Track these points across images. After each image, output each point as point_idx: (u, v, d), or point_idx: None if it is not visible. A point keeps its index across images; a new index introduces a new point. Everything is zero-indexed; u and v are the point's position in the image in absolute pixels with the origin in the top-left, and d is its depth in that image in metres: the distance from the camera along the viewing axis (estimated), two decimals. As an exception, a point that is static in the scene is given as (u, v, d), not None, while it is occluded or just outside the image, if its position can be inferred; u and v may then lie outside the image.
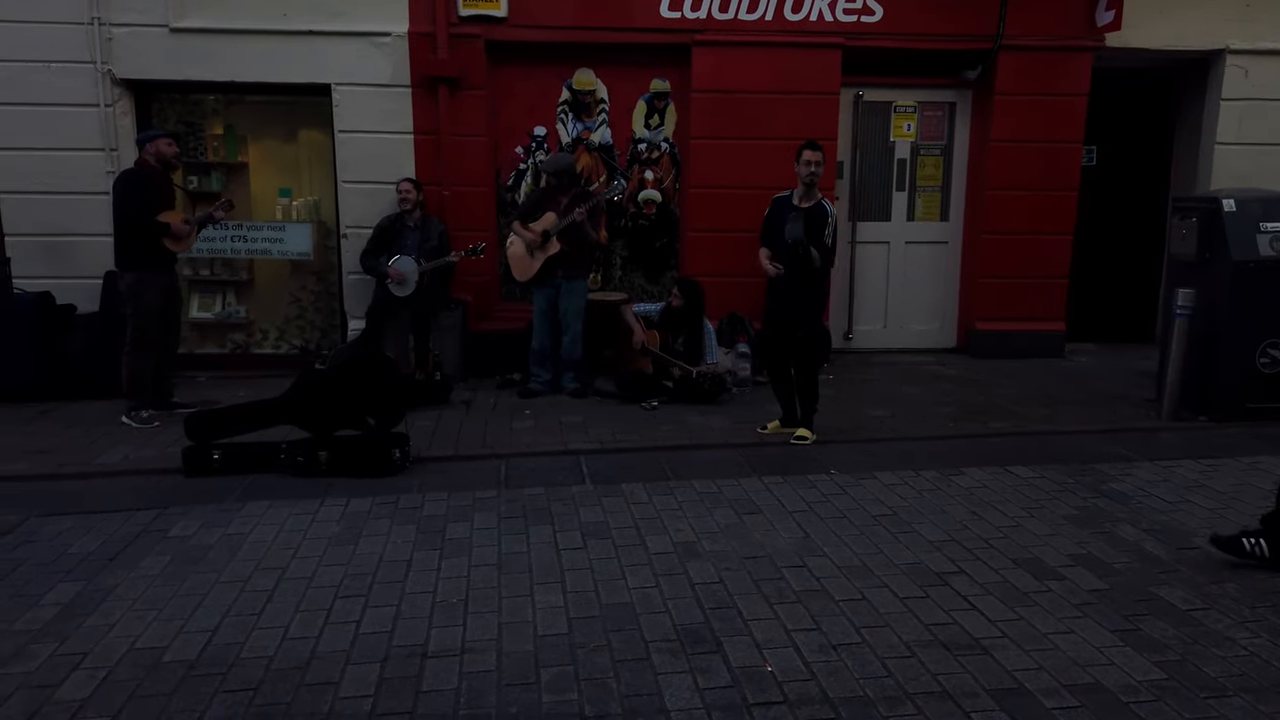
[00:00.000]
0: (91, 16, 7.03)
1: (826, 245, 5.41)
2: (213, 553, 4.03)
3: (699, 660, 3.11)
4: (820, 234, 5.37)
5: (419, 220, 7.05)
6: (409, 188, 7.03)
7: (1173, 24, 7.68)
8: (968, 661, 3.10)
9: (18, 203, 7.18)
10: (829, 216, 5.43)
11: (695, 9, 7.37)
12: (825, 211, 5.43)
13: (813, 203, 5.47)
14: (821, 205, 5.46)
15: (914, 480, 5.00)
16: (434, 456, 5.45)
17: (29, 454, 5.49)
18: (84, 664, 3.08)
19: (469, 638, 3.27)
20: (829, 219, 5.42)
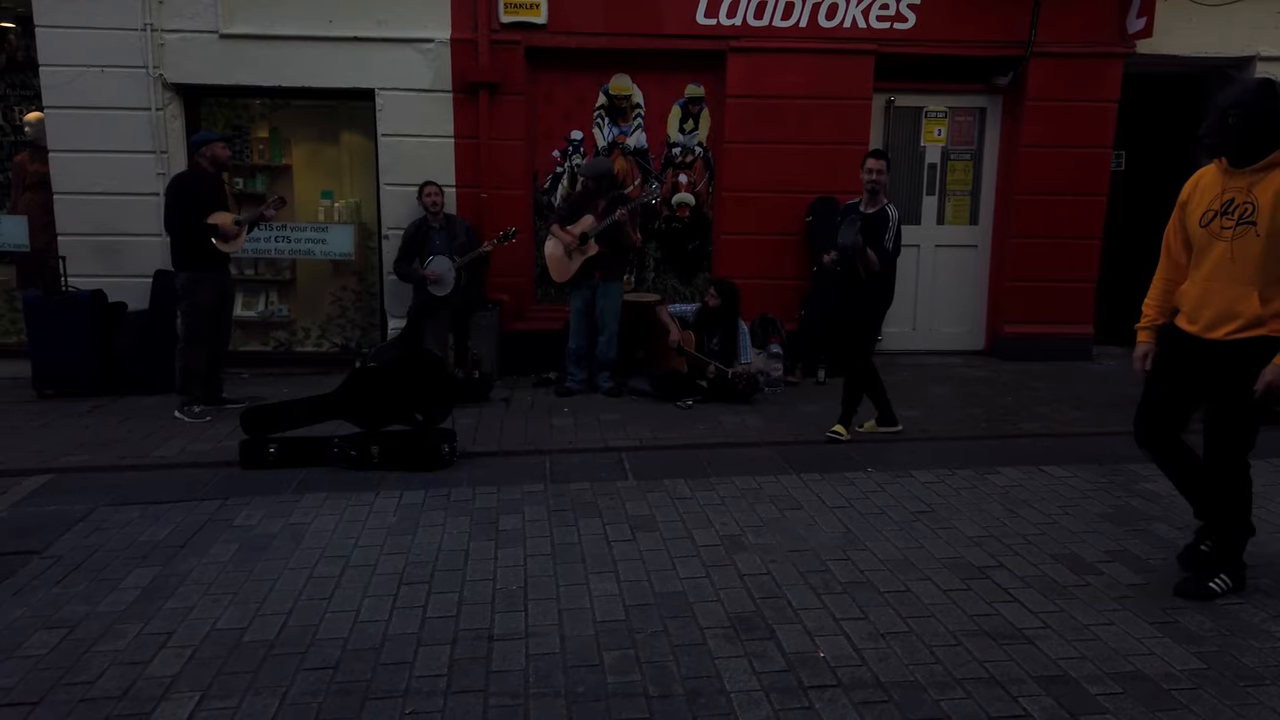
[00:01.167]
0: (144, 23, 7.24)
1: (887, 249, 5.55)
2: (277, 541, 4.20)
3: (753, 646, 3.25)
4: (880, 238, 5.52)
5: (443, 221, 7.22)
6: (435, 191, 7.20)
7: (1203, 31, 7.77)
8: (1012, 650, 3.22)
9: (72, 203, 7.40)
10: (889, 221, 5.56)
11: (730, 16, 7.52)
12: (887, 217, 5.57)
13: (877, 208, 5.62)
14: (885, 211, 5.60)
15: (950, 479, 5.13)
16: (479, 452, 5.61)
17: (89, 446, 5.69)
18: (170, 643, 3.25)
19: (531, 623, 3.41)
20: (889, 224, 5.56)
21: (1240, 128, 3.30)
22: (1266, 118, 3.27)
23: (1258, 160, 3.32)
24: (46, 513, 4.56)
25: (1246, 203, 3.33)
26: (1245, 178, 3.36)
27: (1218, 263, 3.42)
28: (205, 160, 6.28)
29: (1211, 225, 3.44)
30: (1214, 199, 3.45)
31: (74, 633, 3.32)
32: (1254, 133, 3.29)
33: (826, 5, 7.53)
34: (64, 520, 4.44)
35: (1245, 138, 3.31)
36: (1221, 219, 3.41)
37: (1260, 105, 3.28)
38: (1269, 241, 3.29)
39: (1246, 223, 3.33)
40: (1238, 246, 3.36)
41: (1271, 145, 3.29)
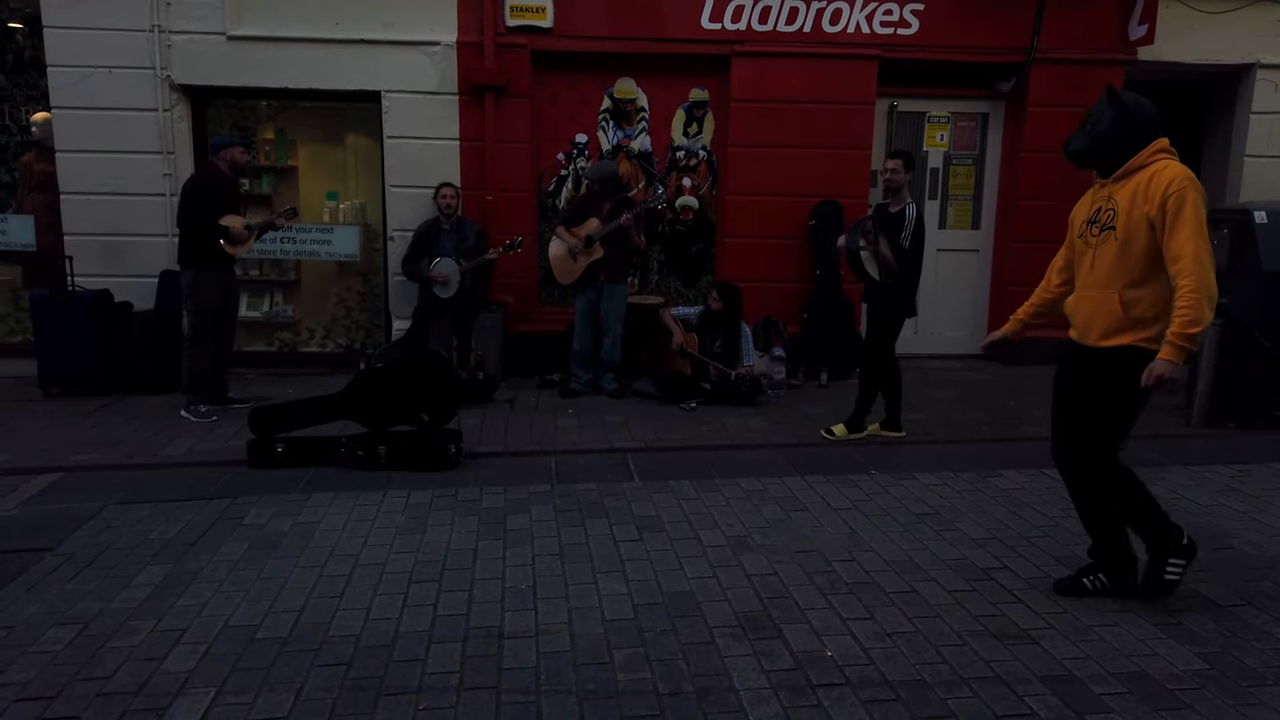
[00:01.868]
0: (152, 24, 7.27)
1: (903, 247, 5.60)
2: (287, 539, 4.23)
3: (761, 644, 3.28)
4: (897, 236, 5.59)
5: (454, 223, 7.25)
6: (451, 193, 7.23)
7: (1204, 38, 7.82)
8: (1018, 650, 3.26)
9: (78, 203, 7.42)
10: (906, 220, 5.62)
11: (735, 20, 7.56)
12: (904, 215, 5.63)
13: (899, 207, 5.69)
14: (904, 209, 5.66)
15: (953, 481, 5.17)
16: (485, 452, 5.65)
17: (96, 445, 5.72)
18: (184, 639, 3.28)
19: (541, 621, 3.45)
20: (906, 222, 5.61)
21: (1094, 133, 3.38)
22: (1115, 122, 3.33)
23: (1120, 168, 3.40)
24: (57, 510, 4.59)
25: (1109, 209, 3.41)
26: (1108, 187, 3.44)
27: (1087, 270, 3.51)
28: (224, 163, 6.34)
29: (1084, 235, 3.54)
30: (1088, 210, 3.55)
31: (88, 629, 3.35)
32: (1113, 139, 3.35)
33: (831, 10, 7.58)
34: (75, 518, 4.46)
35: (1103, 144, 3.37)
36: (1090, 228, 3.50)
37: (1108, 113, 3.35)
38: (1124, 245, 3.34)
39: (1108, 229, 3.40)
40: (1100, 253, 3.43)
41: (1131, 153, 3.35)
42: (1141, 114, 3.35)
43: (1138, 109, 3.35)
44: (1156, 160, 3.32)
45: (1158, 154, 3.33)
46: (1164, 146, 3.34)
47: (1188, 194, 3.20)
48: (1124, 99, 3.36)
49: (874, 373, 5.91)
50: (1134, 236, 3.30)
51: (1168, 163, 3.31)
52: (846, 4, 7.58)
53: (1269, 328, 6.11)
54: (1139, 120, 3.34)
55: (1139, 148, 3.34)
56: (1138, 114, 3.34)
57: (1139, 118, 3.34)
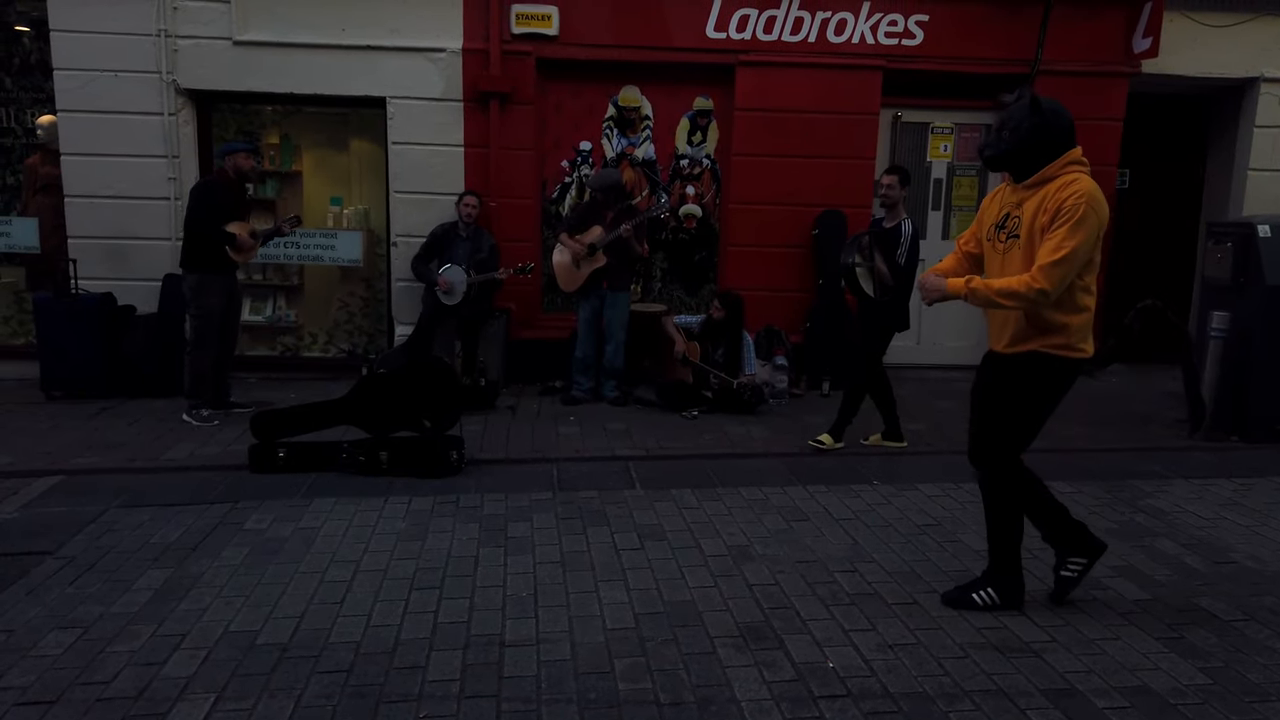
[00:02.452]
0: (158, 29, 7.29)
1: (898, 264, 5.60)
2: (288, 545, 4.22)
3: (763, 655, 3.27)
4: (893, 252, 5.58)
5: (472, 232, 7.25)
6: (474, 203, 7.22)
7: (1208, 52, 7.83)
8: (1020, 663, 3.25)
9: (83, 206, 7.43)
10: (902, 236, 5.62)
11: (740, 30, 7.57)
12: (900, 232, 5.63)
13: (894, 223, 5.70)
14: (899, 225, 5.67)
15: (955, 492, 5.16)
16: (487, 459, 5.64)
17: (98, 448, 5.71)
18: (184, 645, 3.27)
19: (542, 629, 3.44)
20: (902, 239, 5.61)
21: (1011, 140, 3.35)
22: (1034, 131, 3.31)
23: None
24: (58, 514, 4.59)
25: (1016, 217, 3.41)
26: (1018, 194, 3.43)
27: (996, 276, 3.50)
28: (230, 169, 6.34)
29: (992, 239, 3.53)
30: (999, 212, 3.53)
31: (88, 633, 3.35)
32: (1028, 146, 3.33)
33: (835, 20, 7.59)
34: (76, 521, 4.46)
35: (1015, 150, 3.35)
36: (998, 233, 3.49)
37: (1028, 120, 3.33)
38: (1026, 254, 3.34)
39: (1013, 236, 3.40)
40: (1007, 260, 3.43)
41: (1045, 162, 3.34)
42: (1060, 125, 3.34)
43: (1057, 119, 3.34)
44: (1067, 172, 3.31)
45: (1069, 166, 3.32)
46: (1076, 158, 3.35)
47: (1080, 209, 3.19)
48: (1045, 108, 3.34)
49: (861, 384, 5.90)
50: (1035, 246, 3.31)
51: (1077, 176, 3.30)
52: (851, 14, 7.59)
53: (1273, 342, 6.11)
54: (1057, 131, 3.33)
55: (1053, 157, 3.32)
56: (1056, 124, 3.33)
57: (1058, 128, 3.33)
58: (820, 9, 7.57)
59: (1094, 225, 3.20)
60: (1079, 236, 3.17)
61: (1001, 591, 3.68)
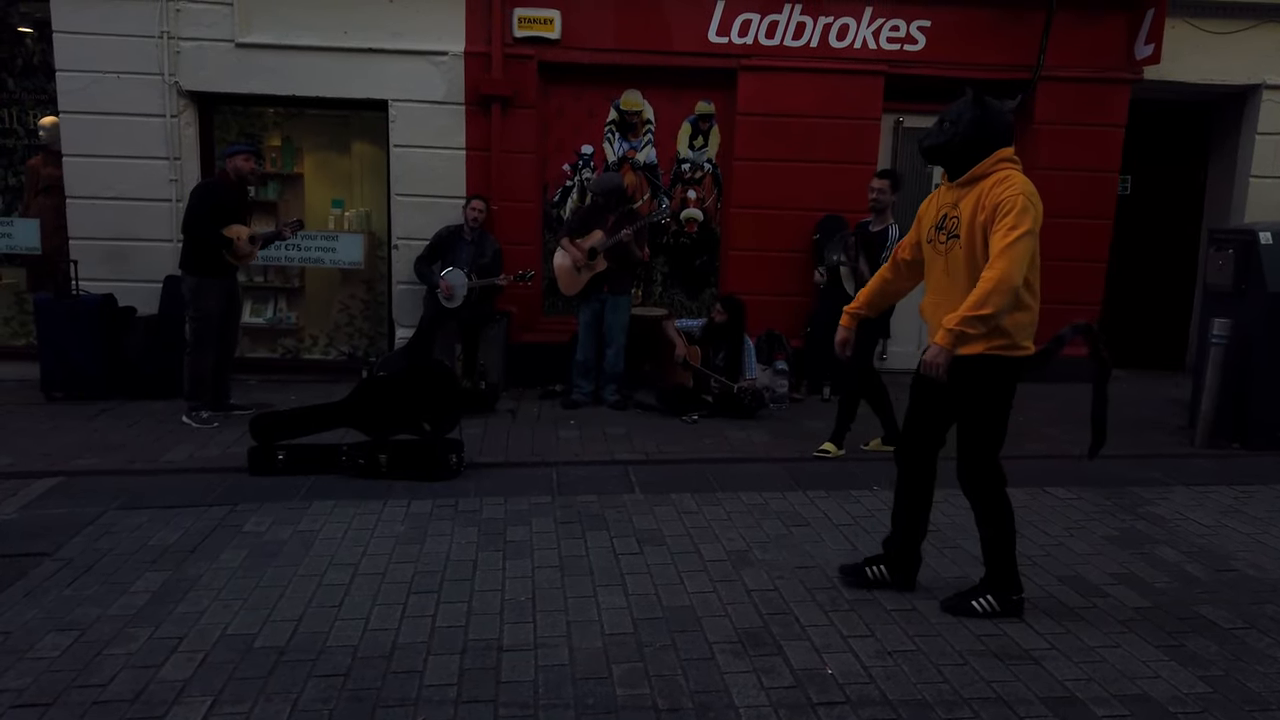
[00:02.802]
0: (161, 30, 7.30)
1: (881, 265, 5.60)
2: (287, 548, 4.21)
3: (761, 661, 3.26)
4: (877, 255, 5.58)
5: (476, 236, 7.25)
6: (480, 207, 7.23)
7: (1211, 58, 7.84)
8: (1019, 670, 3.24)
9: (84, 207, 7.44)
10: (889, 240, 5.62)
11: (742, 35, 7.58)
12: (887, 235, 5.64)
13: (882, 226, 5.70)
14: (887, 229, 5.67)
15: (955, 498, 5.06)
16: (486, 463, 5.63)
17: (98, 450, 5.71)
18: (181, 648, 3.26)
19: (540, 634, 3.43)
20: (888, 243, 5.62)
21: (950, 130, 3.39)
22: (973, 124, 3.34)
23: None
24: (57, 515, 4.58)
25: (955, 216, 3.42)
26: (955, 192, 3.44)
27: (938, 277, 3.53)
28: (230, 170, 6.34)
29: (933, 241, 3.54)
30: (937, 214, 3.54)
31: (85, 635, 3.34)
32: (966, 140, 3.35)
33: (838, 26, 7.60)
34: (74, 523, 4.45)
35: (956, 143, 3.38)
36: (938, 234, 3.50)
37: (969, 112, 3.36)
38: (968, 254, 3.36)
39: (954, 237, 3.42)
40: (950, 260, 3.45)
41: (980, 159, 3.36)
42: (1000, 121, 3.38)
43: (998, 117, 3.38)
44: (999, 169, 3.34)
45: (1001, 163, 3.35)
46: (1008, 156, 3.38)
47: (1019, 201, 3.21)
48: (987, 105, 3.37)
49: (854, 390, 5.88)
50: (976, 245, 3.33)
51: (1010, 173, 3.33)
52: (853, 20, 7.60)
53: (1274, 349, 6.10)
54: (996, 128, 3.36)
55: (987, 154, 3.35)
56: (996, 122, 3.37)
57: (997, 126, 3.37)
58: (822, 14, 7.58)
59: (1034, 217, 3.24)
60: (1026, 223, 3.20)
61: (1001, 599, 3.66)
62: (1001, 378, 3.47)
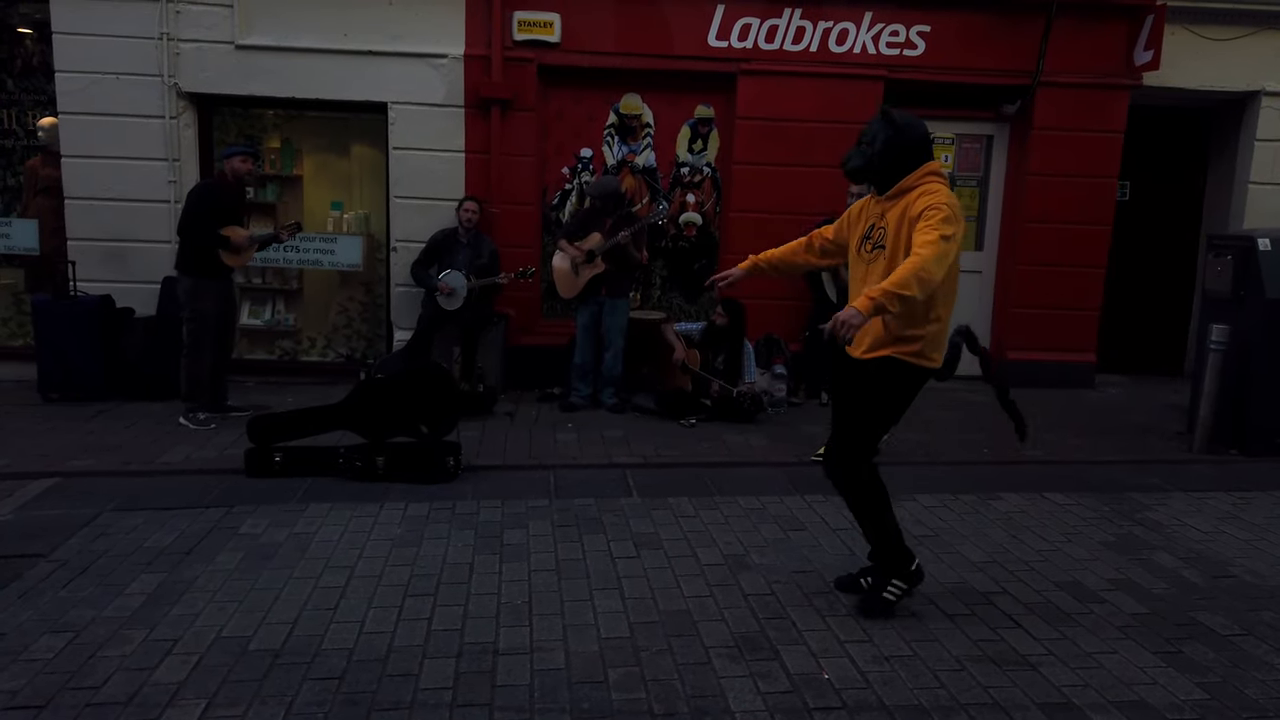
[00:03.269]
0: (160, 32, 7.30)
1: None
2: (283, 550, 4.20)
3: (758, 666, 3.26)
4: None
5: (472, 237, 7.24)
6: (474, 208, 7.23)
7: (1210, 65, 7.84)
8: (1016, 676, 3.23)
9: (82, 208, 7.43)
10: None
11: (742, 39, 7.59)
12: None
13: None
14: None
15: (953, 503, 5.14)
16: (484, 465, 5.62)
17: (94, 451, 5.70)
18: (176, 650, 3.26)
19: (537, 638, 3.42)
20: None
21: (868, 151, 3.46)
22: (888, 143, 3.41)
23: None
24: (52, 516, 4.57)
25: (881, 228, 3.49)
26: (883, 205, 3.51)
27: (860, 284, 3.57)
28: (228, 171, 6.34)
29: (860, 250, 3.60)
30: (864, 224, 3.61)
31: (80, 637, 3.33)
32: (884, 159, 3.42)
33: (837, 30, 7.61)
34: (70, 524, 4.44)
35: (875, 163, 3.45)
36: (864, 244, 3.57)
37: (883, 132, 3.43)
38: (890, 264, 3.41)
39: (879, 247, 3.48)
40: (872, 269, 3.51)
41: (904, 173, 3.42)
42: (913, 136, 3.44)
43: (910, 131, 3.44)
44: (925, 182, 3.41)
45: (927, 176, 3.42)
46: (934, 169, 3.44)
47: (944, 210, 3.27)
48: (897, 121, 3.43)
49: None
50: (899, 256, 3.38)
51: (936, 186, 3.40)
52: (853, 24, 7.61)
53: (1273, 355, 6.10)
54: (910, 142, 3.43)
55: (911, 169, 3.41)
56: (910, 136, 3.43)
57: (910, 140, 3.43)
58: (822, 19, 7.59)
59: (957, 230, 3.29)
60: (949, 229, 3.24)
61: (904, 577, 3.71)
62: (903, 383, 3.54)
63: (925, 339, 3.45)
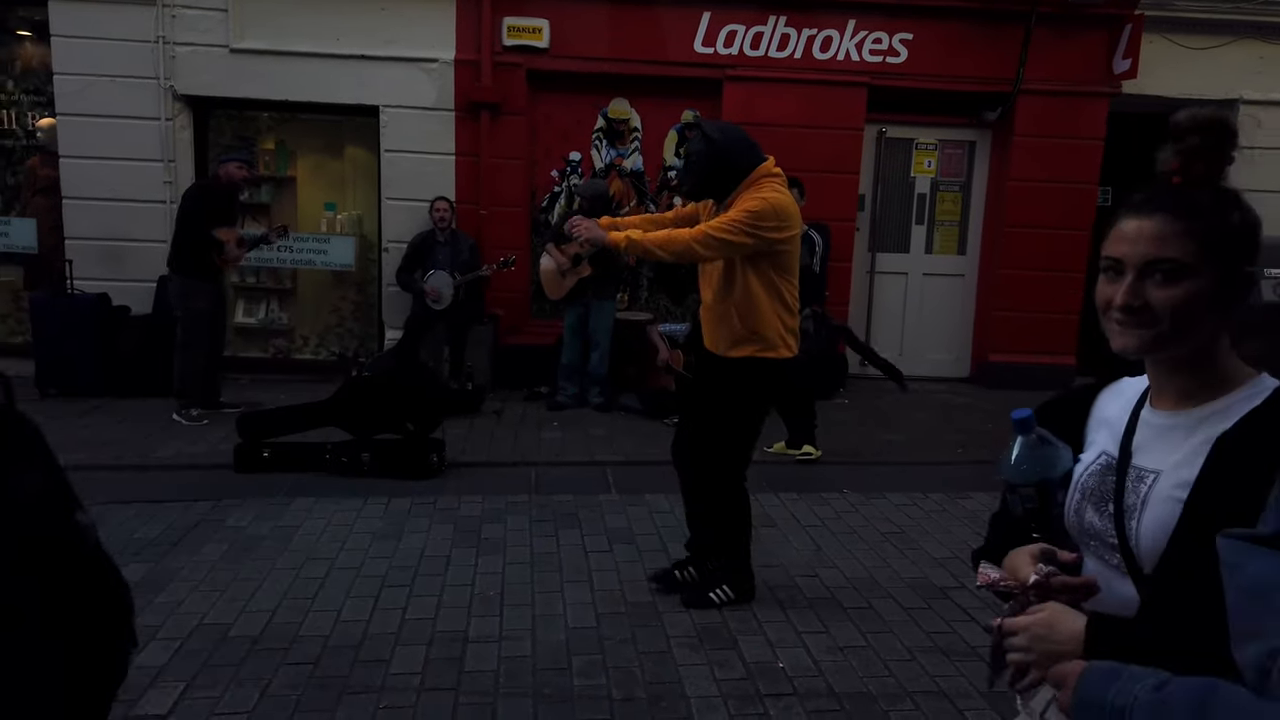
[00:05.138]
0: (157, 35, 7.44)
1: (814, 272, 5.77)
2: (266, 542, 4.35)
3: (716, 655, 3.40)
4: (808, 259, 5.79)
5: (449, 236, 7.40)
6: (445, 206, 7.39)
7: (1188, 74, 7.96)
8: (964, 666, 3.37)
9: (80, 208, 7.59)
10: (814, 245, 5.80)
11: (728, 45, 7.73)
12: (812, 241, 5.83)
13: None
14: (808, 234, 5.82)
15: (922, 501, 5.28)
16: (468, 462, 5.77)
17: (88, 446, 5.84)
18: (159, 635, 3.40)
19: (506, 627, 3.57)
20: (814, 247, 5.79)
21: (695, 169, 3.58)
22: (709, 158, 3.51)
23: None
24: (45, 508, 4.70)
25: None
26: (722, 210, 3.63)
27: (705, 286, 3.73)
28: (223, 175, 6.49)
29: None
30: None
31: (68, 623, 3.46)
32: (707, 173, 3.53)
33: (821, 38, 7.75)
34: (62, 516, 4.57)
35: (701, 179, 3.58)
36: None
37: (701, 149, 3.54)
38: (726, 262, 3.55)
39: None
40: (710, 269, 3.66)
41: (735, 181, 3.54)
42: (729, 145, 3.52)
43: (726, 139, 3.53)
44: (757, 185, 3.51)
45: (762, 179, 3.52)
46: (766, 171, 3.54)
47: (756, 204, 3.40)
48: (710, 133, 3.54)
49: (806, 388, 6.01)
50: (731, 260, 3.53)
51: (765, 184, 3.50)
52: (837, 32, 7.74)
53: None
54: (731, 152, 3.52)
55: (740, 176, 3.52)
56: (729, 146, 3.52)
57: (727, 147, 3.52)
58: (806, 26, 7.73)
59: (770, 215, 3.41)
60: (745, 217, 3.37)
61: (736, 586, 3.83)
62: (765, 379, 3.66)
63: (780, 332, 3.60)
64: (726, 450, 3.73)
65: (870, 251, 8.41)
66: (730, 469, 3.76)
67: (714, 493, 3.80)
